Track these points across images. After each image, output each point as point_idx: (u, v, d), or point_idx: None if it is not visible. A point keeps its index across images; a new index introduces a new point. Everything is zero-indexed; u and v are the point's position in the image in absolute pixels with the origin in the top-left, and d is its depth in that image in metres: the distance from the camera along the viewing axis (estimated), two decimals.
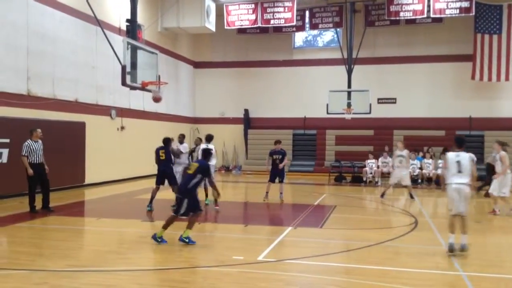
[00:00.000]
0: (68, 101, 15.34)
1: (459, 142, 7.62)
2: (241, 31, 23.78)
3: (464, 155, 7.36)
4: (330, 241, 8.58)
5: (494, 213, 11.20)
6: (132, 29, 12.48)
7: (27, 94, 13.67)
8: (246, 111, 24.93)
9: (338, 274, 6.52)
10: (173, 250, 7.63)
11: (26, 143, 10.56)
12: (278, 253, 7.50)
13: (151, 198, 11.40)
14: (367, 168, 19.13)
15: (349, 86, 20.30)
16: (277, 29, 23.29)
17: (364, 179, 19.15)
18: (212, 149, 10.71)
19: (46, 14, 14.40)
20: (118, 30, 17.33)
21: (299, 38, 25.31)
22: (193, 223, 7.90)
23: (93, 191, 15.38)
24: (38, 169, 10.60)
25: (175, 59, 23.42)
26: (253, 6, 21.69)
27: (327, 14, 22.24)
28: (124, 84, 11.28)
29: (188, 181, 7.89)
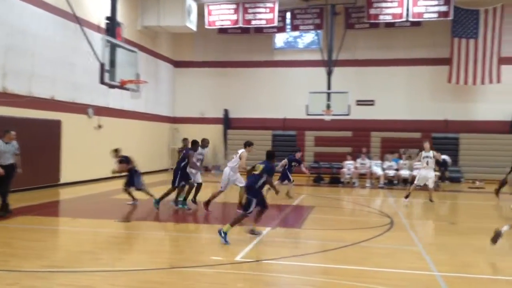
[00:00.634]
0: (45, 99, 15.06)
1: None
2: (222, 31, 23.69)
3: None
4: (308, 242, 8.64)
5: None
6: (112, 27, 12.34)
7: (3, 91, 13.40)
8: (226, 111, 24.88)
9: (316, 274, 6.58)
10: (150, 251, 7.58)
11: None
12: (257, 253, 7.50)
13: (164, 195, 11.47)
14: (345, 169, 19.29)
15: (329, 88, 20.44)
16: (258, 30, 23.25)
17: (342, 180, 19.31)
18: (204, 154, 11.33)
19: (24, 11, 14.11)
20: (98, 28, 17.09)
21: (280, 39, 25.36)
22: (259, 218, 8.55)
23: (69, 191, 15.13)
24: (6, 171, 10.30)
25: (155, 58, 23.22)
26: (235, 6, 21.64)
27: (308, 16, 22.32)
28: (103, 82, 11.17)
29: (256, 181, 8.36)
